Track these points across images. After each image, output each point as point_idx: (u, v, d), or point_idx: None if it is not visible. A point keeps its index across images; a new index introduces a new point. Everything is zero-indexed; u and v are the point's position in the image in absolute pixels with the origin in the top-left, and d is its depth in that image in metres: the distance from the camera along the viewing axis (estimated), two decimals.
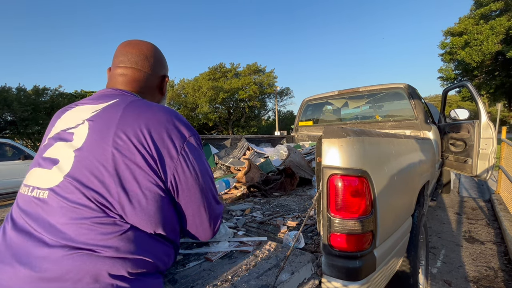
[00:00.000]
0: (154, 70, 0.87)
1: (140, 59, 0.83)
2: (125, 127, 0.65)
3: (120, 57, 0.84)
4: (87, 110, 0.71)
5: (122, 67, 0.83)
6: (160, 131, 0.67)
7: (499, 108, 16.87)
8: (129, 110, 0.68)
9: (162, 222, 0.66)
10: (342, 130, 1.00)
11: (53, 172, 0.62)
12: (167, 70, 0.95)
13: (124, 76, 0.82)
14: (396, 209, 1.24)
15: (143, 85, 0.84)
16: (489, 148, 2.70)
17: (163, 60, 0.91)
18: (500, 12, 18.99)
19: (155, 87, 0.89)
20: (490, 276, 2.26)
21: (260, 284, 0.90)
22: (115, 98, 0.73)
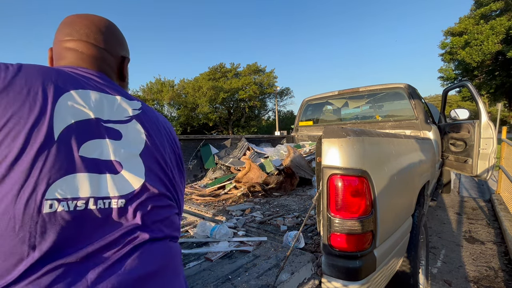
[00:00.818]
0: (110, 46, 0.71)
1: (92, 31, 0.67)
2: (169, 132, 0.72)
3: (66, 30, 0.67)
4: (121, 102, 0.62)
5: (70, 40, 0.65)
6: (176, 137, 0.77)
7: (499, 108, 16.87)
8: (156, 114, 0.72)
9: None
10: (342, 130, 1.00)
11: (124, 177, 0.55)
12: (128, 52, 0.79)
13: (76, 52, 0.66)
14: (396, 209, 1.24)
15: (102, 64, 0.69)
16: (489, 148, 2.70)
17: (120, 37, 0.76)
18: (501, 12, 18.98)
19: (114, 69, 0.73)
20: (491, 276, 2.26)
21: (260, 284, 0.90)
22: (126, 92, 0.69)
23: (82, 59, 0.66)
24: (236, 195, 2.20)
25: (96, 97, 0.58)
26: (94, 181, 0.52)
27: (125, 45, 0.77)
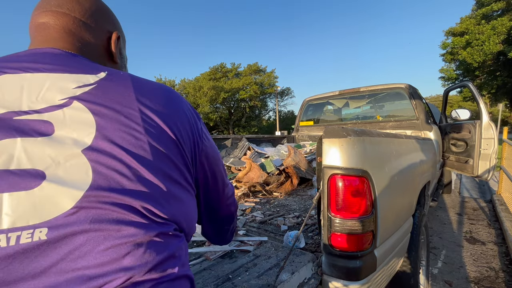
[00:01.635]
0: (92, 17, 0.56)
1: (70, 1, 0.54)
2: (150, 107, 0.47)
3: (38, 4, 0.55)
4: (56, 81, 0.44)
5: (42, 12, 0.53)
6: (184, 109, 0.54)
7: (501, 109, 16.83)
8: (139, 84, 0.50)
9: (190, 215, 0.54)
10: (343, 130, 1.00)
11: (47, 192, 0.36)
12: (118, 28, 0.64)
13: (44, 27, 0.52)
14: (397, 209, 1.24)
15: (80, 40, 0.54)
16: (490, 149, 2.70)
17: (107, 10, 0.61)
18: (502, 12, 18.93)
19: (100, 47, 0.58)
20: (491, 277, 2.26)
21: (261, 284, 0.91)
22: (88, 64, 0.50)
23: (49, 36, 0.52)
24: (237, 195, 2.20)
25: (12, 83, 0.42)
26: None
27: (112, 19, 0.63)
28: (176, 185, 0.47)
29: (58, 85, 0.43)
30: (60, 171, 0.38)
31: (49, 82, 0.43)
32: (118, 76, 0.49)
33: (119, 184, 0.40)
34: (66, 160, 0.38)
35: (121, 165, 0.41)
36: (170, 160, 0.47)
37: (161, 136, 0.46)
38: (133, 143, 0.43)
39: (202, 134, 0.57)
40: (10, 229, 0.34)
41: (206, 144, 0.58)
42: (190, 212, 0.51)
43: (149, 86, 0.51)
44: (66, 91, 0.43)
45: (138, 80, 0.50)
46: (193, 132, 0.53)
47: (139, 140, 0.43)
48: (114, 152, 0.41)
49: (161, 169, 0.45)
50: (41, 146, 0.38)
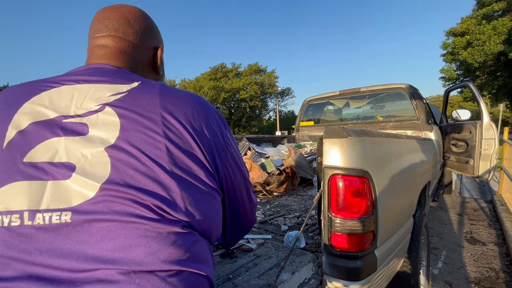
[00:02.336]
0: (141, 38, 0.66)
1: (121, 24, 0.63)
2: (173, 112, 0.51)
3: (96, 25, 0.64)
4: (96, 91, 0.52)
5: (100, 37, 0.63)
6: (208, 117, 0.57)
7: (501, 109, 16.81)
8: (166, 92, 0.55)
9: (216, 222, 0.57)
10: (343, 130, 1.00)
11: (75, 183, 0.43)
12: (161, 41, 0.73)
13: (104, 48, 0.62)
14: (397, 210, 1.24)
15: (132, 59, 0.64)
16: (491, 149, 2.69)
17: (152, 27, 0.70)
18: (503, 12, 18.90)
19: (146, 62, 0.68)
20: (492, 277, 2.26)
21: (261, 284, 0.91)
22: (127, 77, 0.57)
23: (111, 56, 0.62)
24: None
25: (67, 93, 0.51)
26: (33, 191, 0.43)
27: (157, 34, 0.71)
28: (193, 187, 0.50)
29: (98, 94, 0.51)
30: (87, 165, 0.45)
31: (91, 92, 0.52)
32: (149, 85, 0.55)
33: (133, 180, 0.45)
34: (92, 156, 0.45)
35: (137, 163, 0.46)
36: (188, 163, 0.50)
37: (181, 140, 0.50)
38: (151, 143, 0.47)
39: (227, 141, 0.61)
40: (46, 210, 0.42)
41: (231, 150, 0.62)
42: (210, 213, 0.53)
43: (177, 94, 0.56)
44: (102, 99, 0.51)
45: (167, 89, 0.56)
46: (217, 138, 0.57)
47: (156, 141, 0.48)
48: (132, 151, 0.46)
49: (176, 170, 0.48)
50: (77, 143, 0.46)
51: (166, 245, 0.44)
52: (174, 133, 0.50)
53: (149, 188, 0.45)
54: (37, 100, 0.50)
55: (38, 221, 0.41)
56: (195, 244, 0.49)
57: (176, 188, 0.47)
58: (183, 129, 0.51)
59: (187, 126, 0.51)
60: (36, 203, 0.42)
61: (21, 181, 0.43)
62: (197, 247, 0.49)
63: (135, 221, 0.43)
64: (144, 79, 0.57)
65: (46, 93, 0.51)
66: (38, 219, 0.41)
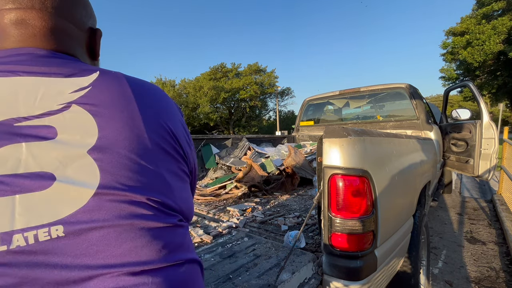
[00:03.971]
0: (73, 15, 0.53)
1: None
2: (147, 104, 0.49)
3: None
4: (50, 86, 0.43)
5: (13, 9, 0.47)
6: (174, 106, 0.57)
7: (501, 108, 16.82)
8: (135, 83, 0.50)
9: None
10: (343, 130, 1.00)
11: (59, 192, 0.39)
12: (96, 22, 0.61)
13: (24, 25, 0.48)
14: (397, 209, 1.24)
15: (63, 40, 0.51)
16: (491, 148, 2.69)
17: (85, 2, 0.56)
18: (502, 11, 18.89)
19: (83, 46, 0.56)
20: (492, 277, 2.26)
21: (261, 284, 0.91)
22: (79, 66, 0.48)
23: (32, 36, 0.48)
24: (237, 195, 2.20)
25: (7, 88, 0.41)
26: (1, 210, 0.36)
27: (91, 13, 0.59)
28: (176, 176, 0.50)
29: (54, 90, 0.43)
30: (69, 172, 0.40)
31: (44, 88, 0.43)
32: (111, 76, 0.49)
33: (126, 181, 0.42)
34: (73, 161, 0.40)
35: (126, 161, 0.43)
36: (170, 153, 0.49)
37: (160, 131, 0.48)
38: (135, 139, 0.44)
39: (186, 126, 0.61)
40: (25, 229, 0.36)
41: (190, 135, 0.62)
42: (189, 199, 0.55)
43: (144, 85, 0.52)
44: (63, 96, 0.43)
45: (133, 79, 0.51)
46: (184, 127, 0.57)
47: (140, 136, 0.45)
48: (117, 149, 0.43)
49: (162, 162, 0.47)
50: (47, 149, 0.40)
51: (170, 240, 0.44)
52: (153, 125, 0.48)
53: (143, 186, 0.43)
54: None
55: (17, 243, 0.35)
56: (187, 233, 0.50)
57: (167, 182, 0.46)
58: (161, 120, 0.49)
59: (163, 117, 0.50)
60: (8, 224, 0.35)
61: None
62: (188, 235, 0.51)
63: (137, 222, 0.41)
64: (99, 68, 0.50)
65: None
66: (16, 241, 0.35)
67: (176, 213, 0.48)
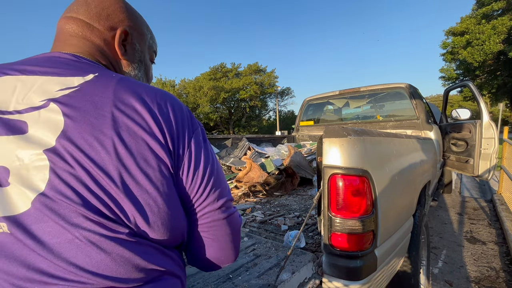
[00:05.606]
0: (100, 19, 0.57)
1: (79, 5, 0.56)
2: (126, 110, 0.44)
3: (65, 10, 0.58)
4: (43, 84, 0.45)
5: (61, 19, 0.56)
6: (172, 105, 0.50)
7: (501, 108, 16.83)
8: (123, 84, 0.47)
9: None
10: (343, 130, 1.00)
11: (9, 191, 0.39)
12: (131, 25, 0.62)
13: (60, 32, 0.56)
14: (397, 209, 1.24)
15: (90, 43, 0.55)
16: (491, 148, 2.69)
17: (117, 6, 0.60)
18: (502, 11, 18.90)
19: (106, 46, 0.58)
20: (492, 277, 2.26)
21: (261, 283, 0.91)
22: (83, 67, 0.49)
23: (61, 40, 0.55)
24: (237, 195, 2.20)
25: (8, 85, 0.44)
26: None
27: (121, 17, 0.60)
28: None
29: (43, 87, 0.44)
30: (23, 170, 0.39)
31: (36, 85, 0.44)
32: (104, 78, 0.47)
33: (73, 189, 0.40)
34: (30, 160, 0.39)
35: (79, 169, 0.40)
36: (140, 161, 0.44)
37: (134, 140, 0.44)
38: (97, 147, 0.41)
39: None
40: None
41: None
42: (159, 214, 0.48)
43: (136, 89, 0.48)
44: (48, 93, 0.44)
45: (125, 83, 0.48)
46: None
47: (103, 144, 0.42)
48: (74, 154, 0.40)
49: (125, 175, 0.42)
50: (11, 144, 0.40)
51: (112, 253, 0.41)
52: (126, 133, 0.43)
53: (93, 199, 0.40)
54: None
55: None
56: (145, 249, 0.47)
57: (124, 199, 0.42)
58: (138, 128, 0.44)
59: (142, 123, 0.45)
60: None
61: None
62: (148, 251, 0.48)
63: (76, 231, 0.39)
64: (104, 70, 0.50)
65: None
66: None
67: (127, 225, 0.43)
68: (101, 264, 0.40)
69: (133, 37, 0.62)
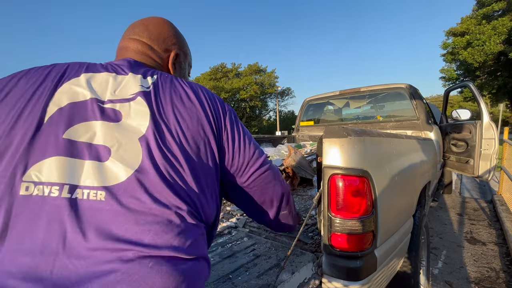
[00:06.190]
0: (158, 42, 0.75)
1: (141, 29, 0.74)
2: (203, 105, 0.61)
3: (126, 32, 0.76)
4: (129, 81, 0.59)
5: (124, 39, 0.74)
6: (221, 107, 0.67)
7: (501, 109, 16.83)
8: (192, 86, 0.64)
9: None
10: (343, 130, 1.00)
11: (110, 165, 0.48)
12: (179, 47, 0.80)
13: (126, 49, 0.73)
14: (397, 209, 1.24)
15: (150, 58, 0.73)
16: (491, 149, 2.69)
17: (171, 34, 0.78)
18: (503, 12, 18.89)
19: (158, 61, 0.75)
20: (492, 277, 2.25)
21: (261, 284, 0.91)
22: (150, 70, 0.65)
23: (130, 54, 0.71)
24: None
25: (103, 79, 0.58)
26: (73, 167, 0.46)
27: (174, 41, 0.79)
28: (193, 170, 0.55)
29: (130, 84, 0.58)
30: (121, 151, 0.49)
31: (125, 82, 0.59)
32: (167, 78, 0.63)
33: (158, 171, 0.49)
34: (126, 143, 0.50)
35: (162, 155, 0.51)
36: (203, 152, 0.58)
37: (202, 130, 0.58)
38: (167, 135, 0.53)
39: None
40: (85, 187, 0.46)
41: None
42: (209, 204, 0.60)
43: (198, 88, 0.65)
44: (134, 89, 0.57)
45: (179, 80, 0.65)
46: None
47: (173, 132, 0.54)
48: (159, 142, 0.52)
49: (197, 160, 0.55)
50: (112, 129, 0.51)
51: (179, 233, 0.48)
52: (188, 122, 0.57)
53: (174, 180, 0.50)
54: (76, 82, 0.55)
55: (77, 195, 0.45)
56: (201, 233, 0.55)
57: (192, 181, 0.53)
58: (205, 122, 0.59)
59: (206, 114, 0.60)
60: (77, 179, 0.46)
61: (62, 156, 0.47)
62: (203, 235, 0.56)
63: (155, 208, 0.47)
64: (160, 72, 0.66)
65: (84, 76, 0.57)
66: (77, 194, 0.45)
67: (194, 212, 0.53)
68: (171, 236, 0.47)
69: (180, 57, 0.80)
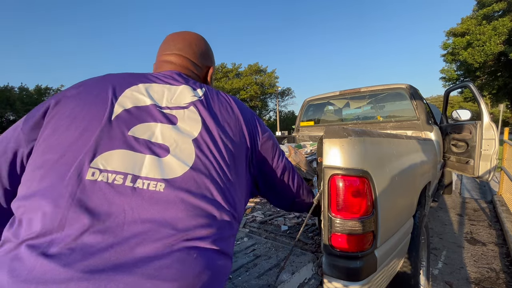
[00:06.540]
0: (199, 58, 0.84)
1: (184, 45, 0.82)
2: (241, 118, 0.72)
3: (165, 46, 0.83)
4: (182, 91, 0.68)
5: (168, 54, 0.81)
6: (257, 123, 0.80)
7: (502, 109, 16.80)
8: (235, 101, 0.75)
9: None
10: (343, 130, 1.00)
11: (169, 161, 0.55)
12: (213, 62, 0.92)
13: (170, 63, 0.80)
14: (397, 210, 1.24)
15: (191, 73, 0.81)
16: (491, 149, 2.69)
17: (208, 50, 0.89)
18: (503, 12, 18.90)
19: (200, 77, 0.85)
20: (492, 278, 2.25)
21: (261, 284, 0.91)
22: (197, 82, 0.75)
23: (172, 68, 0.79)
24: None
25: (159, 88, 0.67)
26: (135, 160, 0.54)
27: (210, 56, 0.90)
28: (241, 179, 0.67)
29: (183, 94, 0.68)
30: (178, 150, 0.58)
31: (179, 91, 0.68)
32: (213, 91, 0.74)
33: (208, 170, 0.58)
34: (182, 144, 0.59)
35: (212, 157, 0.59)
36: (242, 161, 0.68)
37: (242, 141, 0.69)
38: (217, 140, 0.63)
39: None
40: (145, 178, 0.53)
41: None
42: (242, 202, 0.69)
43: (238, 101, 0.77)
44: (187, 99, 0.67)
45: (230, 96, 0.77)
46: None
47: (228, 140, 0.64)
48: (209, 145, 0.61)
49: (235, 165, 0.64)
50: (170, 131, 0.60)
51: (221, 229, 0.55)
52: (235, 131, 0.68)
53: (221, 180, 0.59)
54: (136, 89, 0.64)
55: (138, 185, 0.51)
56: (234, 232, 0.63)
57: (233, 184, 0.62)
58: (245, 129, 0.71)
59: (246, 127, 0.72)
60: (138, 170, 0.53)
61: (126, 149, 0.54)
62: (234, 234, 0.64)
63: (202, 204, 0.54)
64: (205, 85, 0.76)
65: (142, 85, 0.66)
66: (138, 183, 0.51)
67: (233, 211, 0.60)
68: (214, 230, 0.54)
69: (213, 71, 0.91)
